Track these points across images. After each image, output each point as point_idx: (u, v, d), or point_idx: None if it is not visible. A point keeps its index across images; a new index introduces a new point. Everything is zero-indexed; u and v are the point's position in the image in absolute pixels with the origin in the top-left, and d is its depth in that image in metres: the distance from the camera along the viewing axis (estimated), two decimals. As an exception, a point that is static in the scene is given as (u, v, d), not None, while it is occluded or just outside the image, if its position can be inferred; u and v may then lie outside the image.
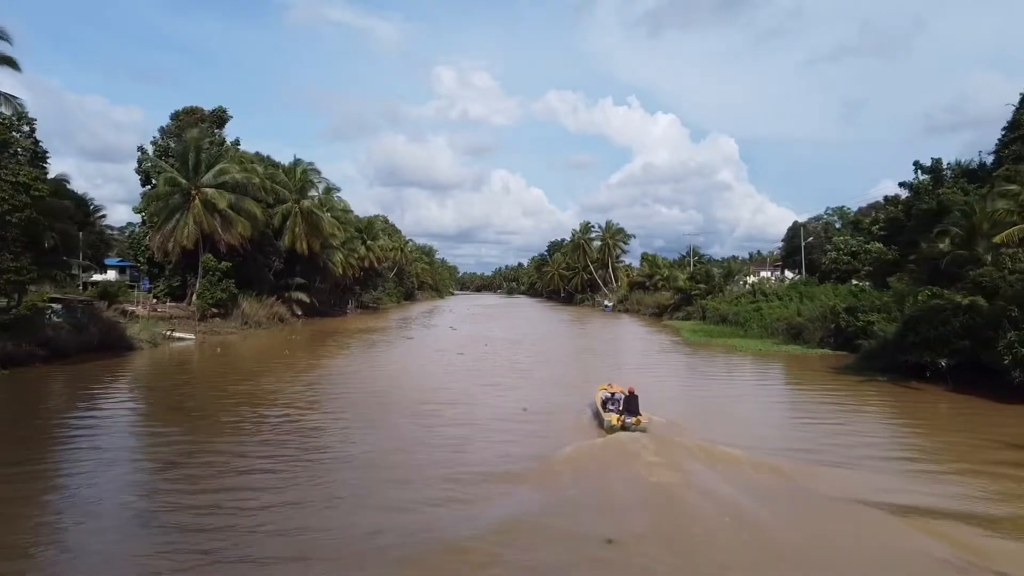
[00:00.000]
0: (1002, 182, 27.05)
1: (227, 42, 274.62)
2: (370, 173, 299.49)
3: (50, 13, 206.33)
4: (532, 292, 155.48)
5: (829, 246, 53.66)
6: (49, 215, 27.70)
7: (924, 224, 34.30)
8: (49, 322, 28.14)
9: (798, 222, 64.40)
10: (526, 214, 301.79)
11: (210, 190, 42.42)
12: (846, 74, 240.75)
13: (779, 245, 72.77)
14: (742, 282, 60.94)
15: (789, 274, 64.46)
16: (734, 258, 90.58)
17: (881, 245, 44.91)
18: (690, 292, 57.08)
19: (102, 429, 15.55)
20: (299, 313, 53.20)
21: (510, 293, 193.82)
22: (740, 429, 15.93)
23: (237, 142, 53.03)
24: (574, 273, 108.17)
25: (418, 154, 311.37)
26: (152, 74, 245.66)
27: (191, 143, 43.60)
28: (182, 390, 21.49)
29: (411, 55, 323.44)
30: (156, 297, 45.16)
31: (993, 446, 14.26)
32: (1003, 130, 36.37)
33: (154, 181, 45.40)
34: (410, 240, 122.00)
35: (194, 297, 42.71)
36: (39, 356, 25.41)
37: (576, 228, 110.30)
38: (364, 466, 12.52)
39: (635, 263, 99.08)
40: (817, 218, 67.75)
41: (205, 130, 48.36)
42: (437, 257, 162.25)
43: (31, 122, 30.16)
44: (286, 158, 60.01)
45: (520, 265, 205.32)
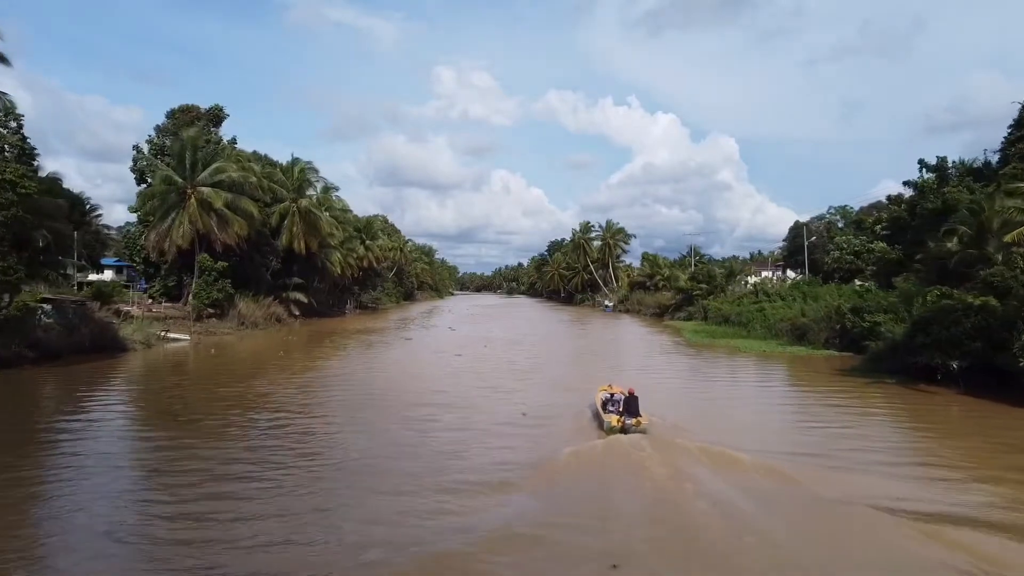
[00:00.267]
0: (1010, 180, 26.56)
1: (227, 42, 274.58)
2: (370, 173, 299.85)
3: (50, 13, 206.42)
4: (532, 292, 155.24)
5: (832, 246, 53.11)
6: (40, 214, 27.20)
7: (929, 223, 33.72)
8: (39, 323, 27.57)
9: (800, 222, 63.84)
10: (526, 214, 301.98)
11: (206, 189, 41.93)
12: (846, 74, 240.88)
13: (780, 245, 72.26)
14: (744, 282, 60.42)
15: (791, 274, 63.81)
16: (735, 258, 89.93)
17: (885, 245, 44.43)
18: (692, 292, 56.76)
19: (86, 434, 15.06)
20: (297, 313, 52.72)
21: (510, 293, 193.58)
22: (744, 432, 15.61)
23: (234, 140, 52.60)
24: (574, 273, 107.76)
25: (418, 154, 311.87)
26: (152, 74, 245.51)
27: (187, 141, 43.03)
28: (172, 393, 20.98)
29: (411, 55, 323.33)
30: (152, 297, 44.76)
31: (1008, 451, 14.01)
32: (1009, 128, 35.80)
33: (149, 180, 44.92)
34: (410, 240, 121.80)
35: (190, 297, 42.21)
36: (28, 358, 24.89)
37: (576, 228, 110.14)
38: (354, 474, 12.00)
39: (635, 263, 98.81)
40: (819, 217, 67.06)
41: (201, 128, 47.85)
42: (437, 257, 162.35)
43: (19, 118, 29.55)
44: (285, 158, 59.52)
45: (520, 265, 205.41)
